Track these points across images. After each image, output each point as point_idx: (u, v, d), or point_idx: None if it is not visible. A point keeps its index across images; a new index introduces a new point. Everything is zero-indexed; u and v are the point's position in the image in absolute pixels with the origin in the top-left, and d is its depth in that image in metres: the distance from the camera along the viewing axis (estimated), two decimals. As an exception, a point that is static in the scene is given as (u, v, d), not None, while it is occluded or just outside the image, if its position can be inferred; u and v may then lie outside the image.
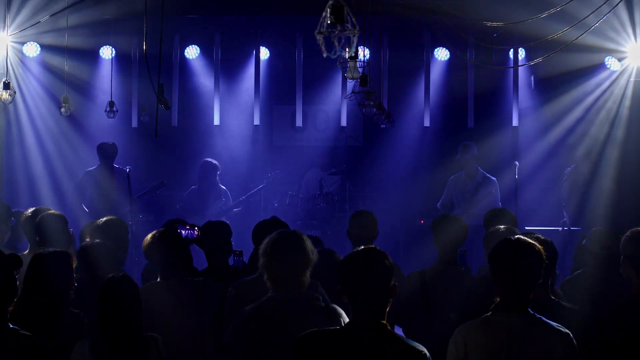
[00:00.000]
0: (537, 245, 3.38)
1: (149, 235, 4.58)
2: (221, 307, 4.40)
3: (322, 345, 3.03)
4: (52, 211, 5.44)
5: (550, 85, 10.74)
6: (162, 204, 9.97)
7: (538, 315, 3.30)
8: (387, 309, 3.07)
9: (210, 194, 9.66)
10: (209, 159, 9.77)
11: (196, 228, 5.07)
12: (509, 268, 3.30)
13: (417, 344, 3.08)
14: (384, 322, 3.04)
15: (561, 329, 3.30)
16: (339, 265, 3.13)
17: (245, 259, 5.62)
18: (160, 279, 4.50)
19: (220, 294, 4.52)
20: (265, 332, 3.55)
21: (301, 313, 3.58)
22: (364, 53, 6.32)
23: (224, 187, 9.79)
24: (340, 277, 3.09)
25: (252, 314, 3.63)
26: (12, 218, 6.08)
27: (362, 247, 3.18)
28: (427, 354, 3.04)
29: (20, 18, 9.02)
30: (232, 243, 5.60)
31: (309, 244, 3.72)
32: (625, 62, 9.58)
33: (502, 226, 5.17)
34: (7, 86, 7.46)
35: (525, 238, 3.42)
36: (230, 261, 5.48)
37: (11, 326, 3.46)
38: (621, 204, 8.43)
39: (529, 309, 3.30)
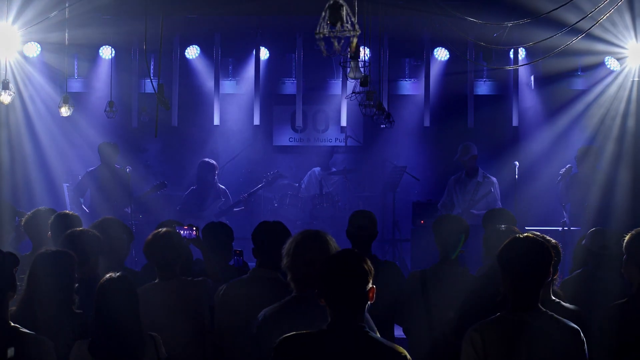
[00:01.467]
0: (543, 242, 3.40)
1: (150, 235, 4.59)
2: None
3: (301, 348, 3.03)
4: (70, 212, 5.48)
5: (550, 85, 10.75)
6: (162, 204, 9.96)
7: (550, 313, 3.32)
8: (365, 311, 3.07)
9: (208, 194, 9.66)
10: (207, 159, 9.77)
11: (194, 228, 5.07)
12: (521, 265, 3.31)
13: (396, 345, 3.08)
14: (362, 324, 3.04)
15: (572, 324, 3.33)
16: (317, 270, 3.10)
17: (246, 258, 5.64)
18: (159, 279, 4.51)
19: None
20: (289, 332, 3.51)
21: (325, 313, 3.55)
22: (364, 53, 6.34)
23: (223, 187, 9.79)
24: (318, 281, 3.08)
25: (275, 314, 3.60)
26: (17, 218, 6.08)
27: (339, 250, 3.16)
28: (407, 355, 3.04)
29: (20, 18, 9.01)
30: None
31: (333, 243, 3.68)
32: (625, 62, 9.58)
33: (502, 226, 5.17)
34: (6, 86, 7.47)
35: (535, 236, 3.43)
36: (231, 261, 5.49)
37: (12, 324, 3.46)
38: (627, 204, 8.42)
39: (540, 306, 3.33)
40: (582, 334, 3.31)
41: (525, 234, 3.47)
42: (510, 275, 3.33)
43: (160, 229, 4.65)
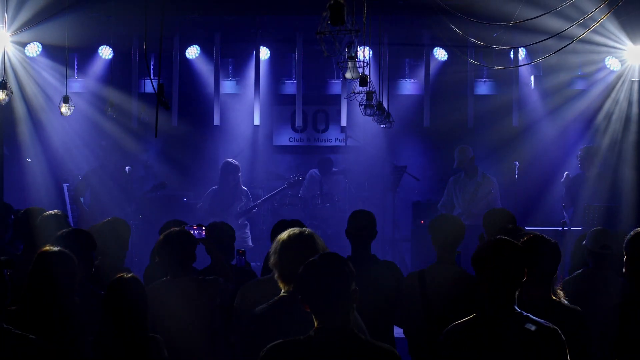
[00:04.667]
0: (517, 244, 3.39)
1: (163, 235, 4.62)
2: (232, 305, 4.41)
3: (290, 355, 2.99)
4: (57, 211, 5.46)
5: (550, 85, 10.75)
6: (162, 204, 9.97)
7: (525, 314, 3.30)
8: (352, 313, 3.02)
9: (230, 194, 9.63)
10: (230, 160, 9.75)
11: (204, 228, 5.10)
12: (490, 268, 3.31)
13: (386, 344, 3.06)
14: (350, 326, 3.00)
15: (548, 325, 3.29)
16: (298, 275, 3.05)
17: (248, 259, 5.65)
18: (171, 276, 4.53)
19: (231, 293, 4.54)
20: (277, 332, 3.52)
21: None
22: (363, 53, 6.34)
23: (245, 188, 9.79)
24: (300, 287, 3.02)
25: (264, 314, 3.59)
26: (12, 215, 6.09)
27: (320, 254, 3.11)
28: (397, 353, 3.03)
29: (20, 18, 9.02)
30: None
31: (320, 242, 3.67)
32: (625, 62, 9.58)
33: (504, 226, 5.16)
34: (3, 86, 7.47)
35: (506, 238, 3.43)
36: (233, 261, 5.50)
37: (5, 326, 3.44)
38: (628, 204, 8.41)
39: (516, 307, 3.31)
40: (561, 335, 3.27)
41: (498, 237, 3.47)
42: (483, 278, 3.33)
43: (174, 228, 4.67)
